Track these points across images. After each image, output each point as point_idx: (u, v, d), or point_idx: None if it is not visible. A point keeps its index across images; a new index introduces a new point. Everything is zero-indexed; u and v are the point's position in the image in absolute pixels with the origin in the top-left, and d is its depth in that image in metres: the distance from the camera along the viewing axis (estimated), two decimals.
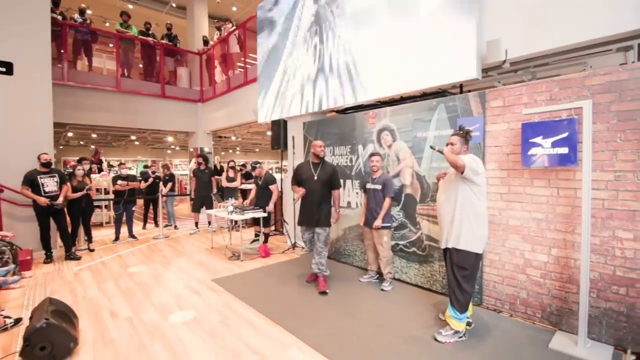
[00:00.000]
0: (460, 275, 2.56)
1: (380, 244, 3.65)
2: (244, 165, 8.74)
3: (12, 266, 3.97)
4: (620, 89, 2.44)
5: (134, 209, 6.47)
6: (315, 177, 3.69)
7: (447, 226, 2.63)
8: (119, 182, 6.08)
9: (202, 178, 6.64)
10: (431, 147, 2.69)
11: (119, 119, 7.84)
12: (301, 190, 3.68)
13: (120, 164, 6.71)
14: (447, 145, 2.63)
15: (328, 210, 3.74)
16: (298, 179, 3.81)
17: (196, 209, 6.76)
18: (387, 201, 3.60)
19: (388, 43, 3.88)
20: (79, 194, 4.99)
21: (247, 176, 7.17)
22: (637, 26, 2.44)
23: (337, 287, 3.73)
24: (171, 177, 7.29)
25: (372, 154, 3.75)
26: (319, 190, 3.68)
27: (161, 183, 7.04)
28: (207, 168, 6.82)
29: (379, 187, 3.62)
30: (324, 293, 3.56)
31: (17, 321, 2.88)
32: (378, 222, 3.56)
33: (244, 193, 7.27)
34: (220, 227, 7.06)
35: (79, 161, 5.54)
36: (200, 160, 6.73)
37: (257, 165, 5.48)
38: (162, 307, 3.28)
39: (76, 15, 7.42)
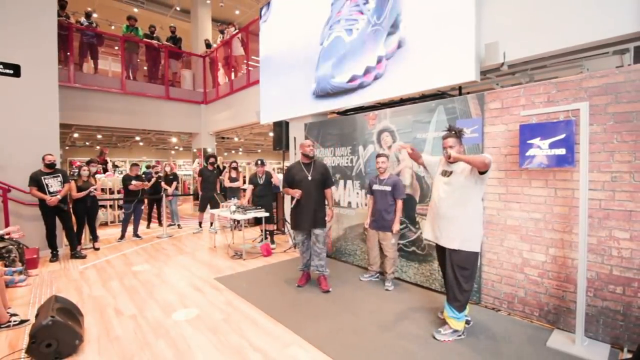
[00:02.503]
0: (461, 275, 2.57)
1: (389, 245, 3.65)
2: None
3: (19, 267, 4.06)
4: (617, 91, 2.47)
5: (142, 208, 6.56)
6: (310, 178, 3.62)
7: (445, 225, 2.63)
8: (133, 182, 6.18)
9: (209, 178, 6.72)
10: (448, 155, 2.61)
11: (124, 120, 7.95)
12: (298, 192, 3.59)
13: (134, 164, 6.73)
14: (444, 149, 2.61)
15: (324, 210, 3.71)
16: (291, 181, 3.70)
17: (202, 209, 6.82)
18: (400, 203, 3.58)
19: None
20: (83, 193, 5.08)
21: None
22: (633, 29, 2.48)
23: (337, 286, 3.77)
24: (175, 177, 7.38)
25: (378, 155, 3.69)
26: (314, 190, 3.62)
27: (163, 183, 7.14)
28: (215, 168, 6.91)
29: (388, 188, 3.59)
30: (326, 292, 3.60)
31: (23, 322, 2.92)
32: (397, 227, 3.55)
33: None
34: (223, 227, 7.13)
35: (88, 163, 5.65)
36: (213, 160, 6.81)
37: (260, 163, 5.55)
38: (165, 305, 3.34)
39: (82, 19, 7.53)
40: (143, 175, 6.91)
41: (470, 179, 2.52)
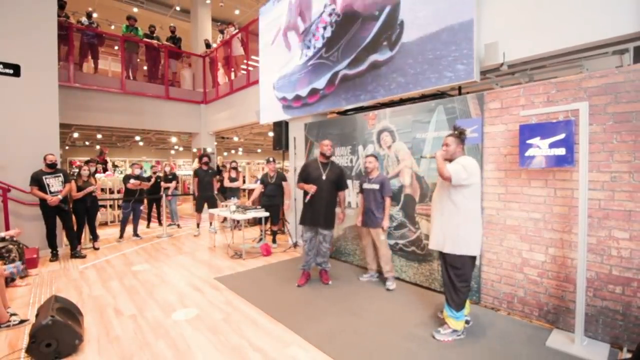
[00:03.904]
0: (454, 274, 2.59)
1: (379, 242, 3.68)
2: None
3: (18, 262, 4.05)
4: (616, 91, 2.48)
5: (141, 208, 6.56)
6: (324, 177, 3.69)
7: (437, 227, 2.68)
8: (132, 180, 6.17)
9: (204, 178, 6.65)
10: (422, 157, 2.72)
11: (124, 120, 7.94)
12: (313, 187, 3.62)
13: (134, 164, 6.74)
14: (442, 146, 2.65)
15: (333, 211, 3.78)
16: (305, 178, 3.76)
17: (199, 209, 6.78)
18: (388, 201, 3.63)
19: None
20: (82, 192, 5.07)
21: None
22: (633, 29, 2.48)
23: (337, 286, 3.77)
24: (174, 177, 7.38)
25: (366, 156, 3.83)
26: (326, 190, 3.68)
27: (162, 182, 7.14)
28: (210, 168, 6.87)
29: (376, 186, 3.65)
30: (327, 284, 3.81)
31: (23, 321, 2.92)
32: (386, 224, 3.59)
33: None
34: (223, 227, 7.13)
35: (87, 162, 5.66)
36: (206, 159, 6.74)
37: (272, 161, 5.54)
38: (165, 305, 3.34)
39: (83, 19, 7.53)
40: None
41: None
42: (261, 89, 6.23)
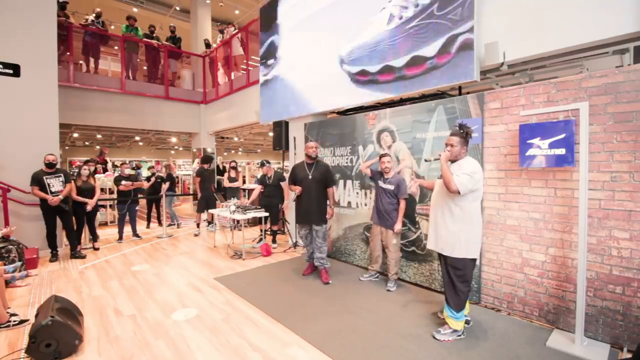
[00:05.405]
0: (455, 275, 2.58)
1: (388, 245, 3.64)
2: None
3: (18, 263, 4.06)
4: (617, 91, 2.47)
5: (137, 208, 6.54)
6: (310, 177, 3.89)
7: (434, 228, 2.67)
8: (123, 182, 6.15)
9: (208, 178, 6.61)
10: (425, 159, 2.66)
11: (124, 120, 7.93)
12: (298, 188, 3.90)
13: (123, 163, 6.71)
14: (445, 146, 2.60)
15: (323, 208, 3.91)
16: (294, 179, 4.02)
17: (201, 209, 6.72)
18: (403, 203, 3.56)
19: None
20: (80, 198, 5.07)
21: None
22: (633, 29, 2.48)
23: (337, 286, 3.77)
24: (169, 177, 7.35)
25: (382, 155, 3.69)
26: (313, 188, 3.87)
27: (163, 184, 7.14)
28: (209, 167, 6.85)
29: (391, 187, 3.58)
30: (327, 284, 3.82)
31: (22, 322, 2.92)
32: (398, 227, 3.54)
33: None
34: (223, 227, 7.12)
35: (86, 162, 5.66)
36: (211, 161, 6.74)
37: (266, 164, 5.53)
38: (165, 305, 3.34)
39: (91, 17, 7.54)
40: (136, 173, 6.88)
41: None
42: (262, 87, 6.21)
